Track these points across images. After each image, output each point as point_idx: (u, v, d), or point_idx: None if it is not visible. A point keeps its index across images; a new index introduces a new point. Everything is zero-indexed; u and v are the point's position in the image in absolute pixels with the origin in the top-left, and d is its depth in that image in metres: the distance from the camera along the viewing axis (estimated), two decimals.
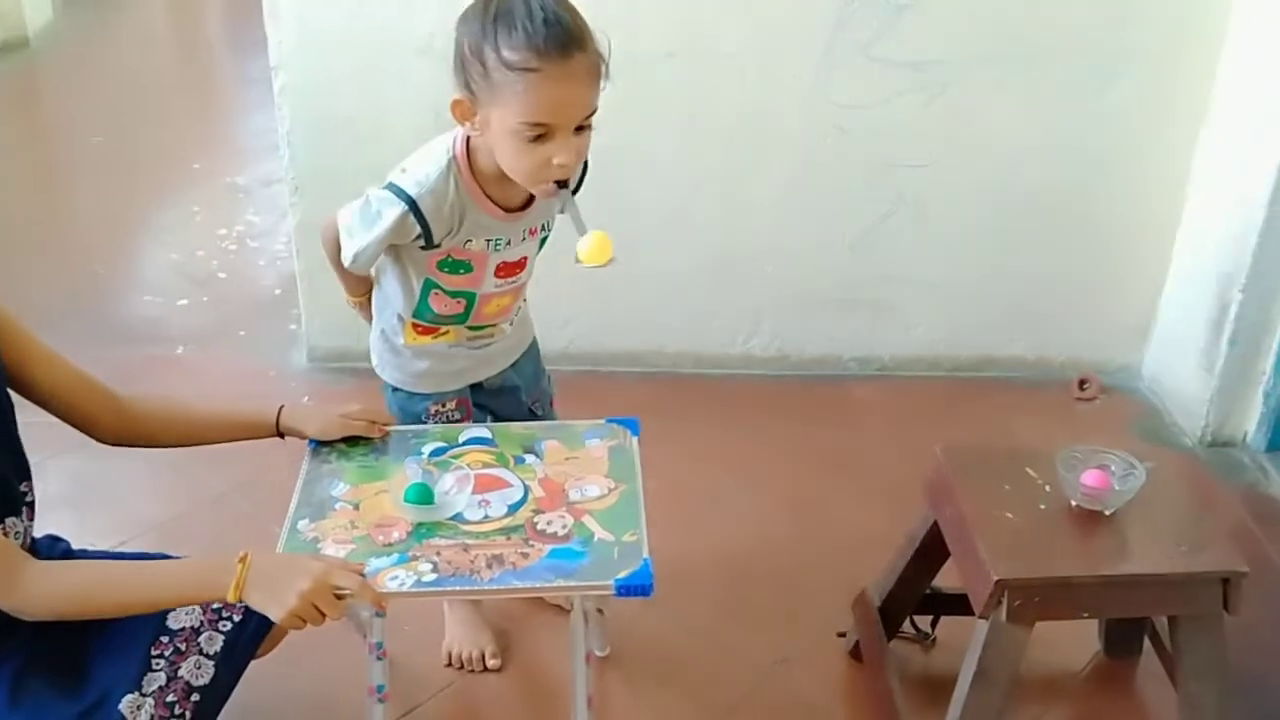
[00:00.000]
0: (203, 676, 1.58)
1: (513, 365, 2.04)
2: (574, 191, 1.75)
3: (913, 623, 2.17)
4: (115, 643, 1.56)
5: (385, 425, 1.85)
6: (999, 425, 2.94)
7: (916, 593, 2.08)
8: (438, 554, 1.59)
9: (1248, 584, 1.70)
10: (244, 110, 5.34)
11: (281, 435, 1.80)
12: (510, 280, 1.88)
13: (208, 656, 1.59)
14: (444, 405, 1.95)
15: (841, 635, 2.21)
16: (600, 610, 2.09)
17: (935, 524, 1.93)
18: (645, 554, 1.59)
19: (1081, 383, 3.07)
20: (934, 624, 2.18)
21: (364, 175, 2.86)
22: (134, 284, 3.64)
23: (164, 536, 2.41)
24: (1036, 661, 1.96)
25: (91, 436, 1.71)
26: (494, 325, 1.94)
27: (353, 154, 2.88)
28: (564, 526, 1.64)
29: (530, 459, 1.79)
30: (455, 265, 1.80)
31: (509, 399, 2.06)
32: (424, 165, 1.73)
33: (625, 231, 2.96)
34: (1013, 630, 1.69)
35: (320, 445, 1.81)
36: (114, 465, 2.59)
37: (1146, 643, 2.13)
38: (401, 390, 1.96)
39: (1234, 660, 1.78)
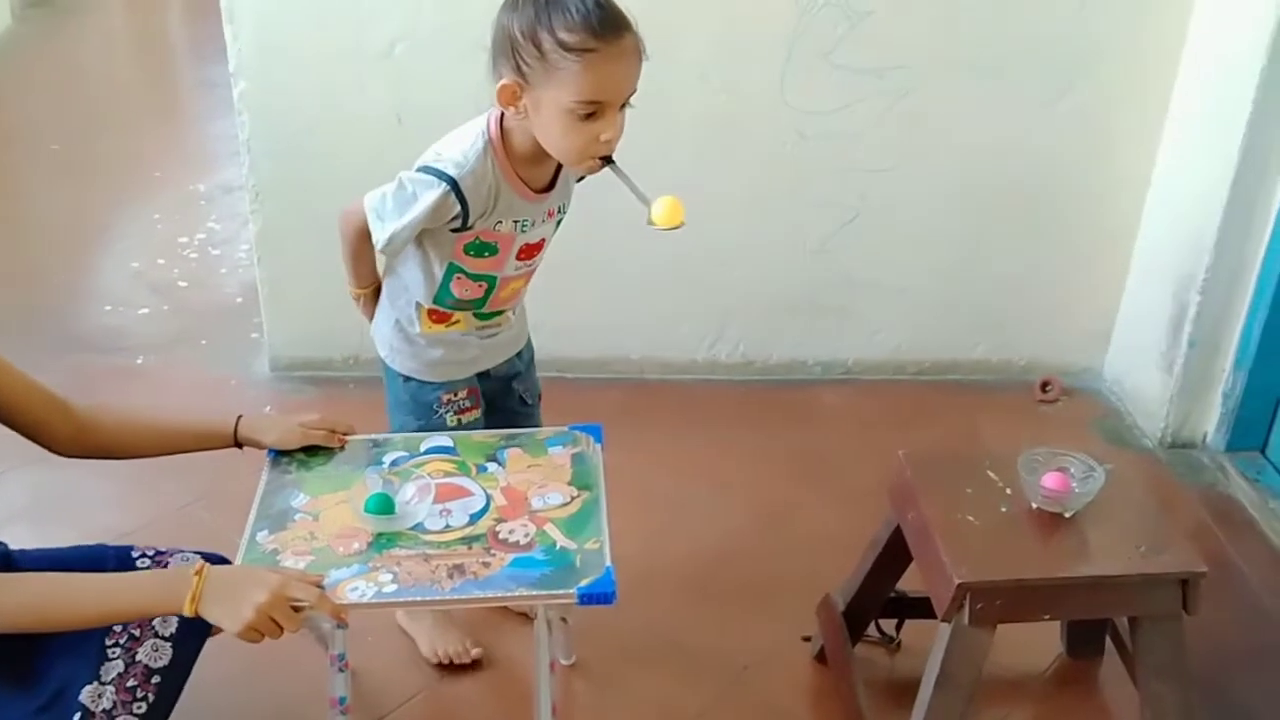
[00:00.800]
0: (161, 658, 1.56)
1: (516, 354, 2.07)
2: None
3: (877, 626, 2.18)
4: (67, 637, 1.54)
5: (345, 435, 1.84)
6: (963, 428, 2.96)
7: (881, 597, 2.09)
8: (398, 564, 1.57)
9: (1207, 584, 1.71)
10: (204, 117, 5.29)
11: (240, 446, 1.78)
12: (529, 263, 1.90)
13: (164, 638, 1.58)
14: (455, 394, 1.96)
15: (807, 639, 2.21)
16: (564, 619, 2.08)
17: (898, 528, 1.93)
18: (608, 562, 1.59)
19: (1044, 385, 3.09)
20: (898, 627, 2.19)
21: (326, 181, 2.89)
22: (93, 293, 3.59)
23: None
24: (999, 664, 1.97)
25: (48, 449, 1.69)
26: (502, 313, 1.96)
27: (314, 160, 2.87)
28: (526, 535, 1.64)
29: (492, 467, 1.79)
30: (481, 248, 1.81)
31: (507, 387, 2.08)
32: (459, 147, 1.74)
33: (589, 238, 2.99)
34: (975, 633, 1.69)
35: (280, 455, 1.79)
36: (74, 477, 2.54)
37: (1108, 644, 2.15)
38: (414, 380, 1.96)
39: (1195, 659, 1.80)
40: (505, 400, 2.08)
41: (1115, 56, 2.79)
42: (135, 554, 1.70)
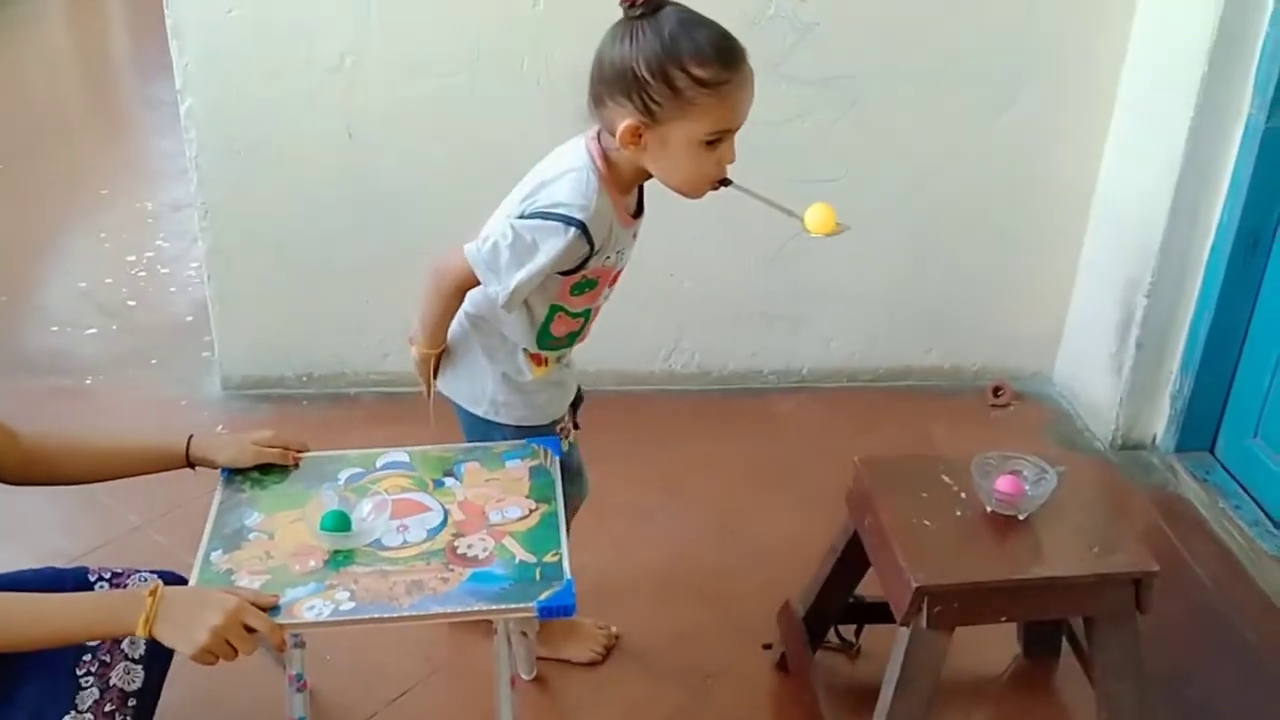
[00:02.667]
0: (134, 681, 1.54)
1: None
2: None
3: (837, 632, 2.19)
4: (36, 667, 1.51)
5: (299, 452, 1.82)
6: (917, 434, 2.98)
7: (840, 602, 2.10)
8: (356, 582, 1.56)
9: (1160, 582, 1.74)
10: (150, 134, 5.24)
11: (192, 466, 1.76)
12: (614, 289, 1.89)
13: (134, 661, 1.55)
14: (564, 420, 1.93)
15: (767, 647, 2.21)
16: (525, 633, 2.07)
17: (856, 534, 1.95)
18: (568, 574, 1.58)
19: (995, 390, 3.13)
20: (858, 633, 2.20)
21: (276, 197, 2.87)
22: (39, 313, 3.54)
23: None
24: (958, 667, 1.99)
25: None
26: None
27: (264, 176, 2.85)
28: (485, 549, 1.63)
29: (450, 482, 1.77)
30: (584, 284, 1.78)
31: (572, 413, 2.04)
32: (573, 188, 1.68)
33: None
34: (933, 636, 1.71)
35: (233, 474, 1.77)
36: (23, 499, 2.47)
37: (1064, 645, 2.17)
38: (524, 427, 1.88)
39: (1149, 657, 1.82)
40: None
41: (1059, 64, 2.84)
42: (92, 576, 1.67)
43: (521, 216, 1.69)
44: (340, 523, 1.62)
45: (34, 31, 6.83)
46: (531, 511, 1.71)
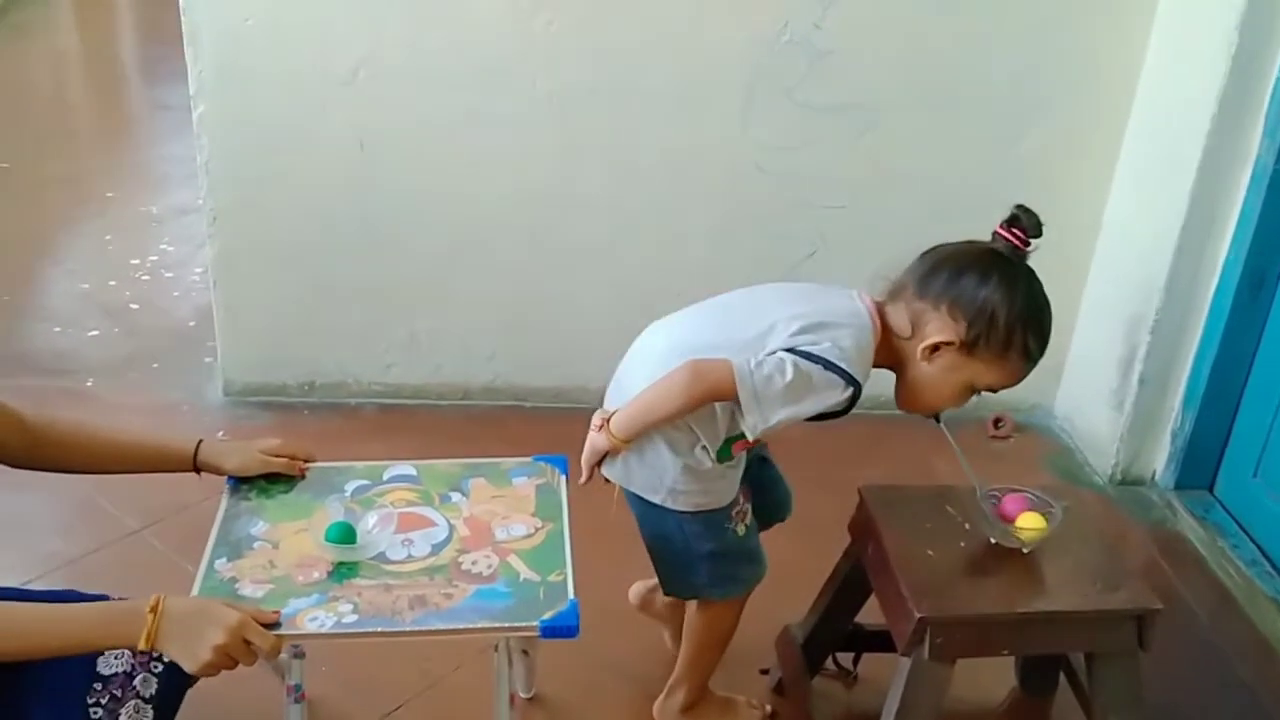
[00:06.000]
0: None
1: None
2: None
3: (835, 660, 2.18)
4: (49, 694, 1.49)
5: (305, 463, 1.82)
6: (919, 463, 2.96)
7: (839, 630, 2.10)
8: (359, 594, 1.56)
9: (1159, 620, 1.74)
10: (157, 138, 5.24)
11: (198, 471, 1.76)
12: None
13: (145, 700, 1.53)
14: (739, 502, 1.88)
15: (765, 672, 2.21)
16: (526, 651, 2.07)
17: (858, 561, 1.94)
18: (571, 594, 1.58)
19: (996, 421, 3.13)
20: (856, 661, 2.19)
21: (285, 206, 2.88)
22: (43, 314, 3.53)
23: (74, 574, 2.34)
24: (955, 698, 1.97)
25: None
26: None
27: (273, 185, 2.86)
28: (489, 566, 1.63)
29: (456, 497, 1.78)
30: None
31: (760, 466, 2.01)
32: (853, 345, 1.68)
33: (550, 267, 3.00)
34: (935, 667, 1.71)
35: (240, 482, 1.77)
36: (23, 500, 2.52)
37: (1061, 679, 2.17)
38: (703, 511, 1.82)
39: (1147, 694, 1.82)
40: (758, 471, 2.00)
41: (1070, 99, 2.85)
42: None
43: (803, 355, 1.65)
44: (345, 534, 1.62)
45: (43, 34, 6.83)
46: (537, 530, 1.71)
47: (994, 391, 1.74)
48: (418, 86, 2.77)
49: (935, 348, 1.70)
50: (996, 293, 1.67)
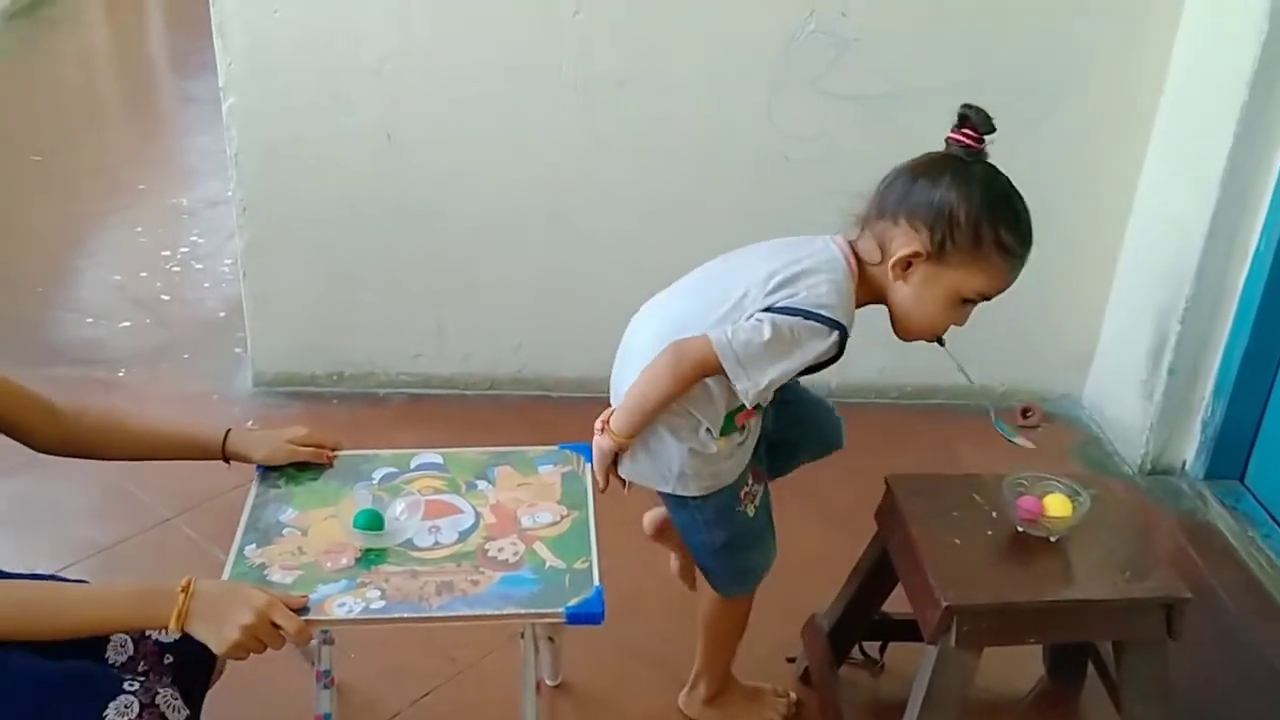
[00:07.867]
0: None
1: None
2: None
3: (862, 648, 2.18)
4: (66, 711, 1.45)
5: (333, 451, 1.84)
6: (945, 452, 2.97)
7: (866, 619, 2.10)
8: (386, 580, 1.57)
9: (1188, 609, 1.73)
10: (187, 131, 5.28)
11: (227, 460, 1.78)
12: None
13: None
14: (748, 483, 1.85)
15: (791, 661, 2.21)
16: (551, 638, 2.08)
17: (884, 550, 1.94)
18: (597, 581, 1.59)
19: (1024, 411, 3.11)
20: (883, 650, 2.19)
21: (314, 197, 2.89)
22: (75, 305, 3.58)
23: (106, 561, 2.37)
24: (981, 687, 1.97)
25: (28, 445, 1.66)
26: None
27: (302, 176, 2.88)
28: (515, 553, 1.64)
29: (482, 485, 1.79)
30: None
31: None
32: (832, 288, 1.65)
33: (577, 258, 3.01)
34: (961, 656, 1.70)
35: (269, 470, 1.79)
36: (55, 488, 2.55)
37: (1090, 668, 2.16)
38: (712, 494, 1.80)
39: (1175, 684, 1.81)
40: (796, 410, 1.98)
41: (1098, 85, 2.83)
42: None
43: (780, 311, 1.63)
44: (373, 521, 1.64)
45: (73, 27, 6.89)
46: (563, 518, 1.72)
47: (987, 299, 1.68)
48: (445, 78, 2.78)
49: (907, 264, 1.66)
50: (950, 191, 1.62)
